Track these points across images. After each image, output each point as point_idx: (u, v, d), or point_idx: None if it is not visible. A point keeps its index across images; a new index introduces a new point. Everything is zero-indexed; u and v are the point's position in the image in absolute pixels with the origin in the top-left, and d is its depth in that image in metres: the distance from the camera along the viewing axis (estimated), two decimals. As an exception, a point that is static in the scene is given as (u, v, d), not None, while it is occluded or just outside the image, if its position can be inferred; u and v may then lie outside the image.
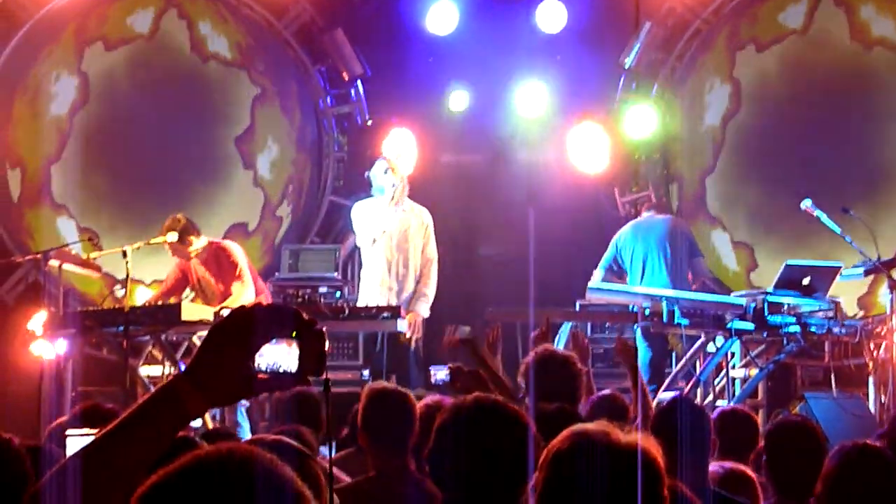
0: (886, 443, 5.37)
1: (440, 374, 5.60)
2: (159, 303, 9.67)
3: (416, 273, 10.12)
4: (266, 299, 10.26)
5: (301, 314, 2.11)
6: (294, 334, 2.10)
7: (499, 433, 3.44)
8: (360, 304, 10.08)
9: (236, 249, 10.20)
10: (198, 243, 10.03)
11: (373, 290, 10.05)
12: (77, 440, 4.67)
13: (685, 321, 9.27)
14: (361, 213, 10.20)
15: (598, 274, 10.79)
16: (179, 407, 2.05)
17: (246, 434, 8.91)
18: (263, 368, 2.09)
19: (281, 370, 2.09)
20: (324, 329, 2.12)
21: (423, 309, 10.09)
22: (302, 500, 1.88)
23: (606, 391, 6.97)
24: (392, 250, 10.06)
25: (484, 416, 3.48)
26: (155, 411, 2.05)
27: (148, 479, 1.92)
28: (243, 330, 2.07)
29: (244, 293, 9.89)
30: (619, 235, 11.00)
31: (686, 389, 9.49)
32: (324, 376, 2.15)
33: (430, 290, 10.16)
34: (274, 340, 2.09)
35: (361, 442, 5.24)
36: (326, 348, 2.12)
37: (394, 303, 9.88)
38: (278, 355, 2.09)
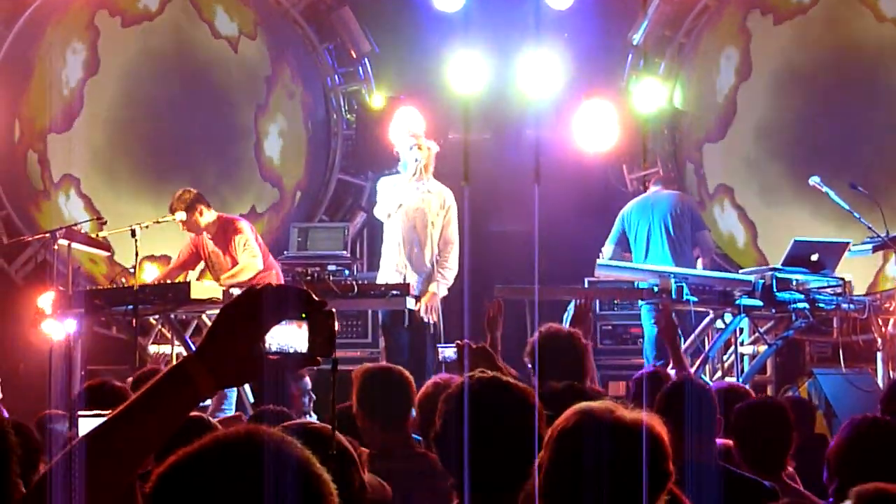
0: (882, 412, 5.39)
1: (448, 351, 5.61)
2: (168, 281, 9.69)
3: (433, 254, 10.00)
4: (277, 277, 10.28)
5: (311, 295, 2.11)
6: (304, 315, 2.11)
7: (504, 412, 3.44)
8: (378, 282, 10.02)
9: (244, 224, 10.24)
10: (207, 217, 10.06)
11: (388, 269, 10.00)
12: (88, 421, 4.69)
13: (693, 298, 9.26)
14: (384, 188, 10.12)
15: (608, 250, 10.75)
16: (190, 388, 2.06)
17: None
18: (273, 349, 2.09)
19: (291, 351, 2.10)
20: (333, 310, 2.13)
21: (438, 289, 9.99)
22: (319, 483, 1.89)
23: (649, 368, 7.03)
24: (407, 229, 9.94)
25: (489, 396, 3.48)
26: (166, 392, 2.06)
27: (160, 458, 1.93)
28: (253, 311, 2.08)
29: (251, 264, 9.91)
30: (625, 210, 10.96)
31: (695, 366, 9.49)
32: (333, 356, 2.16)
33: (448, 272, 9.99)
34: (284, 321, 2.10)
35: (358, 422, 5.26)
36: (336, 329, 2.13)
37: (406, 280, 9.81)
38: (288, 336, 2.10)
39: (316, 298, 2.12)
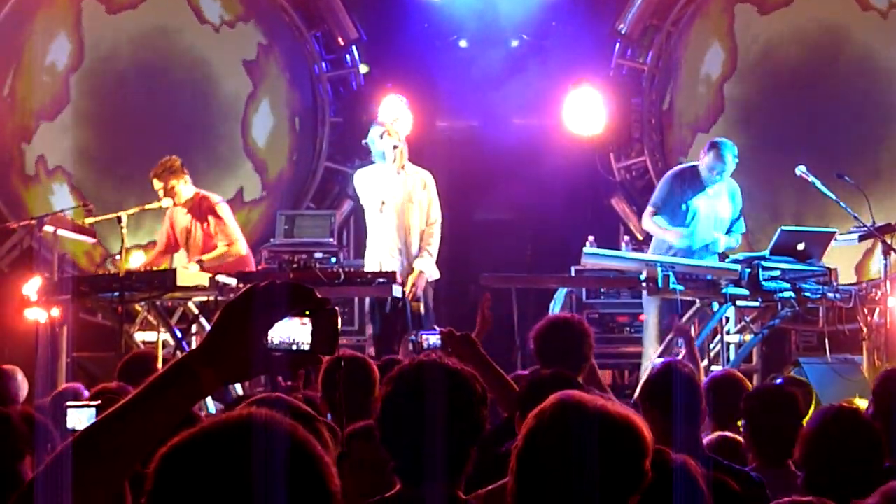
0: (874, 403, 5.41)
1: (432, 338, 5.59)
2: (154, 268, 9.68)
3: (420, 234, 10.03)
4: (250, 265, 10.25)
5: (315, 293, 2.12)
6: (307, 313, 2.11)
7: (445, 396, 3.38)
8: (367, 268, 10.02)
9: (222, 205, 10.18)
10: (187, 190, 10.06)
11: (381, 254, 9.98)
12: (77, 411, 4.68)
13: (680, 287, 9.26)
14: (365, 180, 10.08)
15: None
16: (193, 383, 2.06)
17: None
18: (276, 344, 2.10)
19: (294, 348, 2.11)
20: (336, 308, 2.14)
21: (425, 265, 9.97)
22: (321, 464, 1.89)
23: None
24: (398, 214, 9.95)
25: (430, 379, 3.42)
26: (169, 387, 2.05)
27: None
28: (257, 307, 2.08)
29: (231, 250, 9.91)
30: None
31: (681, 355, 9.49)
32: (337, 355, 2.17)
33: (434, 248, 10.03)
34: (287, 318, 2.11)
35: (322, 409, 5.31)
36: (339, 326, 2.14)
37: (403, 265, 9.86)
38: (291, 333, 2.11)
39: (320, 297, 2.12)
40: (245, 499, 1.80)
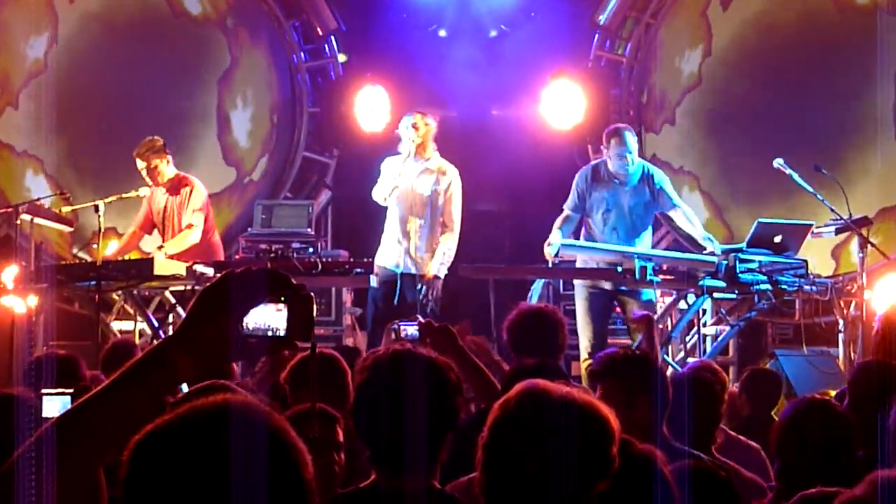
0: (849, 394, 5.42)
1: (410, 329, 5.58)
2: (130, 257, 9.67)
3: (435, 229, 10.03)
4: (218, 254, 10.23)
5: (290, 279, 2.13)
6: (283, 299, 2.11)
7: (419, 385, 3.38)
8: (377, 259, 10.02)
9: (200, 189, 10.15)
10: (169, 171, 10.07)
11: (389, 245, 10.00)
12: (53, 399, 4.67)
13: (657, 279, 9.27)
14: (385, 169, 10.13)
15: None
16: (169, 371, 2.06)
17: None
18: (251, 330, 2.10)
19: (270, 334, 2.11)
20: (312, 294, 2.14)
21: (438, 268, 9.98)
22: (297, 451, 1.89)
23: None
24: (407, 204, 9.97)
25: (403, 368, 3.43)
26: (145, 374, 2.05)
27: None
28: (232, 294, 2.08)
29: (191, 235, 9.89)
30: None
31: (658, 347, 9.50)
32: (312, 341, 2.18)
33: (450, 247, 10.05)
34: (262, 304, 2.11)
35: (291, 403, 5.31)
36: (314, 313, 2.14)
37: (407, 258, 9.90)
38: (267, 319, 2.12)
39: (295, 282, 2.12)
40: (220, 486, 1.79)
